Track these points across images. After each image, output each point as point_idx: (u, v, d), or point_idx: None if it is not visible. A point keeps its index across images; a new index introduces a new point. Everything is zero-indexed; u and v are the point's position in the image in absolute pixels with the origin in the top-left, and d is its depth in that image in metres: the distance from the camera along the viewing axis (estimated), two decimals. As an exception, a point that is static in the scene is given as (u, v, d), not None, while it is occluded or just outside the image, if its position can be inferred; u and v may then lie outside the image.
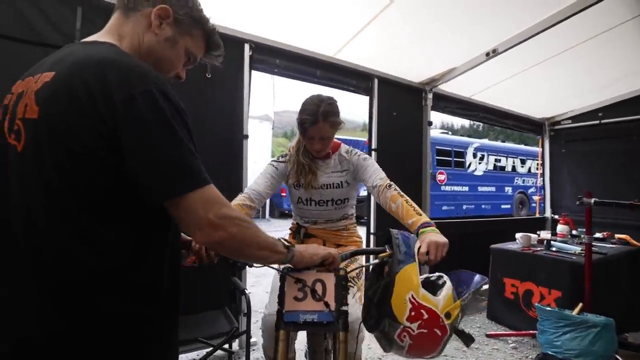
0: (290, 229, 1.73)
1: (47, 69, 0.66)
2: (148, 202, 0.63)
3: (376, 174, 1.47)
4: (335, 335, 0.92)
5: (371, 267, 1.10)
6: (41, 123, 0.61)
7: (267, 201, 11.03)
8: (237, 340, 2.29)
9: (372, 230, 3.06)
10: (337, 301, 0.90)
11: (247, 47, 2.35)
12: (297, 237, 1.68)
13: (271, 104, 13.32)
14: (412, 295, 0.90)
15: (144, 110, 0.59)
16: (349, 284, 1.25)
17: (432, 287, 0.99)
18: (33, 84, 0.65)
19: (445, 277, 1.01)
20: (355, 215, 1.71)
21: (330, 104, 1.45)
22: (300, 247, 0.91)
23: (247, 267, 1.03)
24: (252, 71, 2.43)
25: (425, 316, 0.90)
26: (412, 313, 0.89)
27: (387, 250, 1.00)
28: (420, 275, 0.95)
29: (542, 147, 4.59)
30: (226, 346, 1.91)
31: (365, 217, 3.15)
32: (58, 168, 0.59)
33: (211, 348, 1.81)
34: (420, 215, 1.24)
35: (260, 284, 4.09)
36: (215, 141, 2.27)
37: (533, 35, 2.43)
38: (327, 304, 0.88)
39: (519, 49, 2.59)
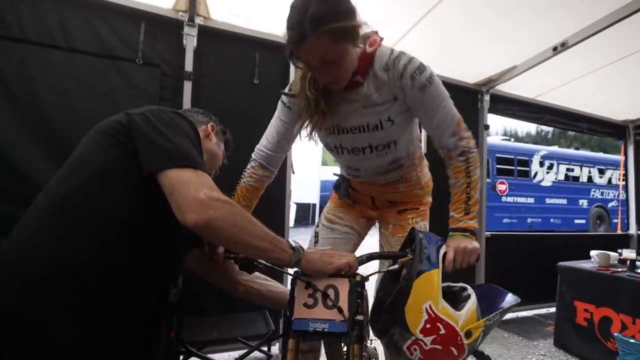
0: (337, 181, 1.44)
1: None
2: (144, 168, 0.72)
3: (446, 124, 1.01)
4: (349, 348, 0.82)
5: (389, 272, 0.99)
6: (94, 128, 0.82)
7: (317, 208, 11.05)
8: (277, 344, 2.29)
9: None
10: (350, 310, 0.80)
11: (293, 52, 2.38)
12: (340, 193, 1.34)
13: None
14: (430, 306, 0.79)
15: (150, 117, 0.78)
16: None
17: (454, 298, 0.87)
18: None
19: (470, 290, 0.88)
20: (421, 155, 1.26)
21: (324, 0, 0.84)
22: (312, 254, 0.85)
23: (255, 269, 0.97)
24: (299, 76, 2.47)
25: (442, 331, 0.79)
26: (428, 325, 0.79)
27: (409, 254, 0.90)
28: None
29: (625, 153, 4.00)
30: (265, 349, 1.91)
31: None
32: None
33: (248, 349, 1.82)
34: (468, 214, 1.01)
35: (305, 290, 4.08)
36: (261, 145, 2.33)
37: (612, 24, 2.12)
38: (340, 310, 0.79)
39: (594, 41, 2.28)
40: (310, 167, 10.15)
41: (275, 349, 2.32)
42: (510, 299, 0.92)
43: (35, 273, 0.65)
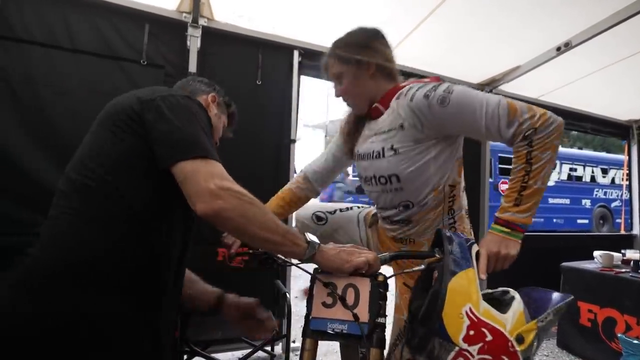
0: None
1: None
2: (159, 165, 0.73)
3: (494, 119, 0.87)
4: (367, 352, 0.76)
5: (417, 274, 0.92)
6: (104, 112, 0.83)
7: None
8: (280, 344, 2.30)
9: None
10: (371, 312, 0.76)
11: (296, 53, 2.38)
12: (367, 222, 1.25)
13: (325, 113, 13.51)
14: (470, 309, 0.69)
15: (161, 105, 0.77)
16: None
17: (496, 304, 0.78)
18: None
19: (514, 292, 0.79)
20: (448, 217, 1.04)
21: (349, 33, 1.09)
22: (329, 250, 0.80)
23: (273, 265, 0.95)
24: (302, 77, 2.46)
25: (489, 337, 0.68)
26: (471, 332, 0.68)
27: (437, 254, 0.84)
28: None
29: (629, 153, 3.98)
30: (268, 349, 1.91)
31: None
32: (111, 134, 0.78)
33: (251, 349, 1.83)
34: (518, 205, 0.87)
35: (307, 290, 4.08)
36: (265, 145, 2.34)
37: (616, 24, 2.11)
38: (355, 317, 0.74)
39: (598, 40, 2.27)
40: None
41: (279, 348, 2.33)
42: (557, 297, 0.81)
43: (72, 265, 0.68)
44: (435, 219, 1.04)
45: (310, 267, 0.84)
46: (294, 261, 0.85)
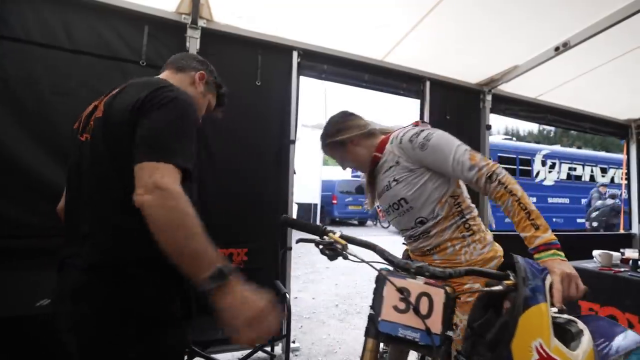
0: None
1: (116, 89, 0.93)
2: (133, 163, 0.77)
3: (460, 163, 1.07)
4: None
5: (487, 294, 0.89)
6: (103, 117, 0.87)
7: (319, 208, 11.18)
8: (279, 344, 2.30)
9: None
10: (444, 324, 0.74)
11: (295, 54, 2.39)
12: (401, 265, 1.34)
13: (323, 112, 13.49)
14: (541, 344, 0.70)
15: (154, 101, 0.81)
16: None
17: (562, 333, 0.78)
18: (105, 98, 0.92)
19: (581, 325, 0.79)
20: (461, 227, 1.20)
21: (326, 124, 1.35)
22: (244, 288, 0.73)
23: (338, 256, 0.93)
24: (301, 77, 2.47)
25: None
26: None
27: (511, 278, 0.80)
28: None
29: (628, 152, 3.99)
30: (268, 349, 1.92)
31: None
32: (107, 141, 0.83)
33: (251, 349, 1.83)
34: (538, 228, 0.94)
35: (308, 290, 4.09)
36: (264, 146, 2.34)
37: (614, 24, 2.12)
38: (428, 329, 0.73)
39: (596, 40, 2.28)
40: (312, 168, 10.18)
41: (278, 349, 2.33)
42: (632, 337, 0.81)
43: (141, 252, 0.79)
44: (450, 225, 1.20)
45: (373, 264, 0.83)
46: (366, 258, 0.85)
